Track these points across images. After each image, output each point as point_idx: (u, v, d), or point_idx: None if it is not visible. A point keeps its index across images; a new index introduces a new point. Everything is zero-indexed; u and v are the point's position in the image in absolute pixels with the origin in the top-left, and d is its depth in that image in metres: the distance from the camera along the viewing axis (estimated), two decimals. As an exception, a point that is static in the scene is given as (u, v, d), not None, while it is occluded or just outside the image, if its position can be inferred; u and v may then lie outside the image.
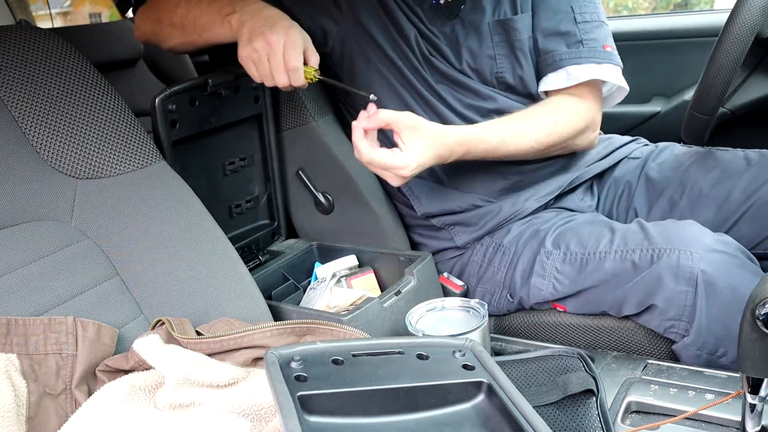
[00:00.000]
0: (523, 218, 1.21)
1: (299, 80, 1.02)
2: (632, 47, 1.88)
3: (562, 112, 1.18)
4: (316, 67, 1.04)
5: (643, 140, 1.38)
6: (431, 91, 1.21)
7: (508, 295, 1.17)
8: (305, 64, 1.03)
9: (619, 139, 1.36)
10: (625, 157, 1.32)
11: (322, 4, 1.23)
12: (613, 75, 1.20)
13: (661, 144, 1.32)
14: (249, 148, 1.27)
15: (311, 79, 1.04)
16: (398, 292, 1.07)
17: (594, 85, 1.22)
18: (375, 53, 1.22)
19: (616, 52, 1.22)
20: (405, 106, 1.22)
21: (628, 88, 1.24)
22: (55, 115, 0.93)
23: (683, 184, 1.19)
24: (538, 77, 1.22)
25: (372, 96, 1.02)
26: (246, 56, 1.03)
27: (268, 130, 1.26)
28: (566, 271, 1.09)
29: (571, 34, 1.19)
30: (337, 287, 1.13)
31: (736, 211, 1.12)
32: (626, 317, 1.06)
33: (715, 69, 1.06)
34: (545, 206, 1.23)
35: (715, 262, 0.96)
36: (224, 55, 1.20)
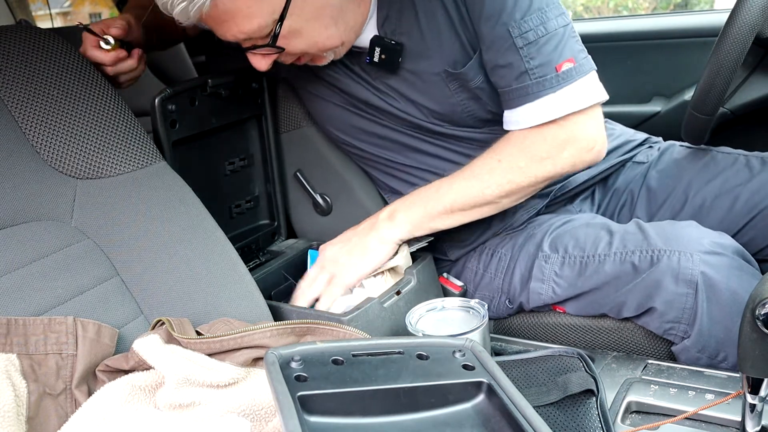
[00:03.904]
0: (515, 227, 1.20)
1: (105, 59, 1.03)
2: (632, 47, 1.88)
3: (507, 149, 1.06)
4: (114, 33, 1.05)
5: (654, 139, 1.33)
6: (414, 140, 1.17)
7: (506, 301, 1.16)
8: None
9: (627, 140, 1.30)
10: (629, 160, 1.29)
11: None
12: (573, 98, 1.01)
13: (663, 145, 1.30)
14: (249, 148, 1.27)
15: (114, 49, 1.05)
16: (398, 292, 1.06)
17: None
18: (345, 116, 1.20)
19: (581, 60, 1.01)
20: (392, 163, 1.22)
21: (605, 97, 1.04)
22: (55, 115, 0.93)
23: (685, 193, 1.18)
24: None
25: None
26: None
27: (268, 130, 1.26)
28: (565, 274, 1.08)
29: (514, 65, 1.00)
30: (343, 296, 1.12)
31: (738, 223, 1.11)
32: (626, 318, 1.06)
33: (715, 69, 1.06)
34: (537, 212, 1.21)
35: (715, 264, 0.96)
36: (222, 55, 1.20)
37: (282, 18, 0.96)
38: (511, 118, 1.06)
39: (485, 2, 0.99)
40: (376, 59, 1.09)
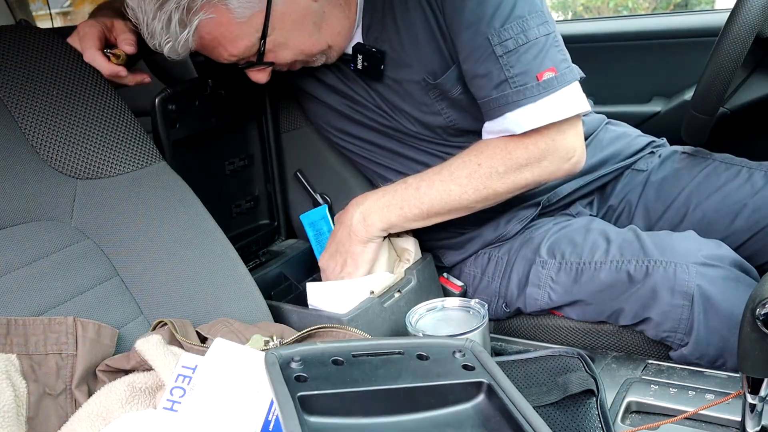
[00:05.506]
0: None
1: (105, 70, 1.00)
2: (632, 47, 1.88)
3: (487, 152, 1.04)
4: (128, 50, 1.02)
5: (657, 142, 1.31)
6: (403, 147, 1.18)
7: (503, 305, 1.16)
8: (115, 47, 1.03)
9: (629, 143, 1.28)
10: (629, 167, 1.27)
11: None
12: (555, 108, 0.99)
13: (665, 152, 1.28)
14: (249, 148, 1.27)
15: (121, 64, 1.03)
16: (398, 292, 1.07)
17: None
18: (336, 119, 1.21)
19: (563, 70, 0.99)
20: (377, 166, 1.22)
21: (587, 109, 1.03)
22: (55, 115, 0.93)
23: (685, 206, 1.17)
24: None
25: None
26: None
27: (268, 130, 1.26)
28: (561, 280, 1.08)
29: (494, 73, 0.98)
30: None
31: (739, 238, 1.10)
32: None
33: (715, 69, 1.06)
34: (531, 220, 1.20)
35: (711, 277, 0.96)
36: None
37: (264, 35, 0.99)
38: (492, 128, 1.04)
39: (464, 11, 0.98)
40: (359, 66, 1.10)
